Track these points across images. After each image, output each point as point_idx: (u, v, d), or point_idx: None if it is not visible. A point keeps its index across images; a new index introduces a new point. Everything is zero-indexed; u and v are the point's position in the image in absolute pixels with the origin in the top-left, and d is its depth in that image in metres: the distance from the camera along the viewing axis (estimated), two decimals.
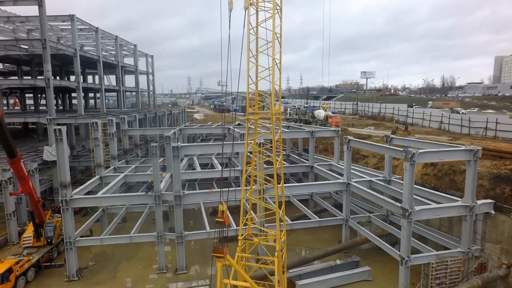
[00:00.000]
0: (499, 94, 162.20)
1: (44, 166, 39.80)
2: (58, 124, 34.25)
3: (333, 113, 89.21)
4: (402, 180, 23.34)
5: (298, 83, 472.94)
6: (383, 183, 26.69)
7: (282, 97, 17.51)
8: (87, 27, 49.96)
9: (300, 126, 40.28)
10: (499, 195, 27.04)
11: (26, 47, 40.39)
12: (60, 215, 36.34)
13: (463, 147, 21.18)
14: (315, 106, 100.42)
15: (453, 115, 57.49)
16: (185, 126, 39.93)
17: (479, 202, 21.67)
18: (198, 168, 35.28)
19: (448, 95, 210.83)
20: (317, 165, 33.97)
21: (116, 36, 59.06)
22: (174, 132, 33.55)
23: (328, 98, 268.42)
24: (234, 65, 16.00)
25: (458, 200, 21.92)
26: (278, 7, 16.48)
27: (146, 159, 38.86)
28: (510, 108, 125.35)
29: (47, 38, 37.73)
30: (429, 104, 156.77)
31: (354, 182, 26.91)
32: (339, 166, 32.48)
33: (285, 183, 37.68)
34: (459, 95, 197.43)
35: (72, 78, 62.30)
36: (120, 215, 29.21)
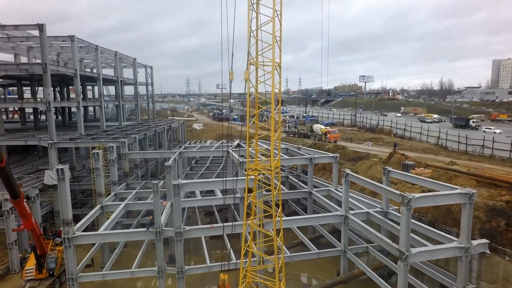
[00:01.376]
0: (497, 100, 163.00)
1: (44, 185, 40.06)
2: (59, 151, 34.56)
3: (331, 124, 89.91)
4: (399, 212, 23.70)
5: (296, 85, 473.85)
6: (380, 216, 27.09)
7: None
8: (87, 45, 50.24)
9: (299, 149, 40.65)
10: (494, 228, 27.51)
11: (27, 68, 40.65)
12: (60, 239, 36.78)
13: (458, 190, 21.58)
14: (313, 116, 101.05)
15: (450, 131, 58.01)
16: (184, 149, 40.22)
17: (475, 242, 22.10)
18: (198, 192, 35.77)
19: (447, 99, 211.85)
20: (316, 191, 34.38)
21: (116, 52, 59.34)
22: (175, 158, 33.86)
23: (327, 102, 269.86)
24: (234, 65, 16.67)
25: (454, 240, 22.35)
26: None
27: (147, 182, 39.17)
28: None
29: (47, 63, 38.01)
30: (401, 109, 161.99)
31: (352, 214, 27.31)
32: (338, 192, 32.87)
33: (284, 208, 38.28)
34: (457, 99, 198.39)
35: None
36: (121, 246, 29.56)
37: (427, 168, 38.61)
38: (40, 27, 37.59)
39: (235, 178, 25.36)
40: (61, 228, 31.31)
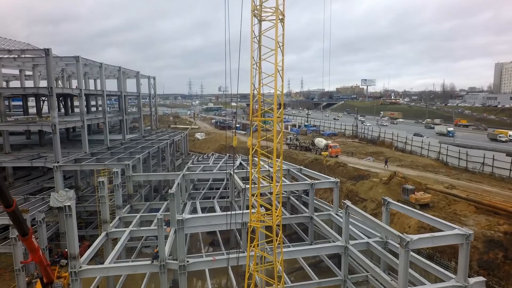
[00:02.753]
0: (499, 106, 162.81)
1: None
2: (64, 177, 35.25)
3: (332, 134, 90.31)
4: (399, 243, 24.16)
5: (298, 85, 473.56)
6: (380, 248, 27.57)
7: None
8: (91, 63, 50.94)
9: (300, 170, 41.17)
10: (492, 260, 28.04)
11: (33, 91, 41.39)
12: (66, 261, 37.44)
13: (456, 230, 22.03)
14: (315, 126, 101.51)
15: (451, 147, 58.42)
16: (187, 170, 40.88)
17: (472, 280, 22.53)
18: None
19: (449, 104, 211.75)
20: (317, 215, 34.90)
21: (120, 67, 60.03)
22: (178, 183, 34.49)
23: (329, 105, 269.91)
24: (234, 65, 17.31)
25: (452, 278, 22.82)
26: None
27: (150, 204, 39.82)
28: (507, 123, 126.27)
29: (53, 87, 38.74)
30: (381, 113, 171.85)
31: (352, 245, 27.81)
32: (338, 218, 33.37)
33: (285, 228, 38.79)
34: (459, 104, 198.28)
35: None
36: (123, 278, 30.23)
37: (427, 191, 39.11)
38: (46, 52, 38.28)
39: (240, 212, 25.92)
40: (66, 250, 32.05)
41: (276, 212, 18.96)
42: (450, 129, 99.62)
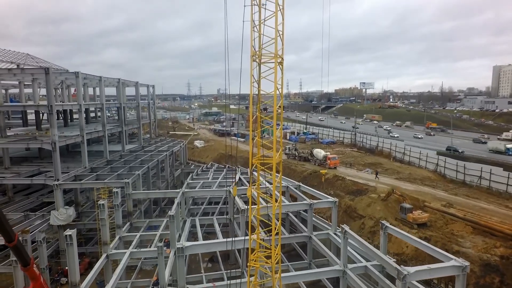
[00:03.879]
0: (497, 110, 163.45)
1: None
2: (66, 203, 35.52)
3: (331, 142, 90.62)
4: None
5: (297, 86, 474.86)
6: (377, 272, 27.86)
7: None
8: (91, 77, 51.14)
9: (299, 187, 41.47)
10: (488, 284, 28.39)
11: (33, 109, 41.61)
12: (66, 279, 37.61)
13: (452, 262, 22.32)
14: (313, 133, 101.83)
15: (448, 159, 58.81)
16: (187, 187, 41.16)
17: None
18: (200, 234, 36.79)
19: (447, 107, 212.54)
20: (315, 234, 35.20)
21: (119, 79, 60.24)
22: (178, 203, 34.76)
23: (327, 108, 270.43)
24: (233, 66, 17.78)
25: None
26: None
27: (150, 221, 40.08)
28: (505, 128, 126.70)
29: (53, 105, 38.95)
30: (364, 116, 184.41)
31: (350, 269, 28.09)
32: (337, 238, 33.66)
33: (284, 245, 39.05)
34: (457, 108, 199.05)
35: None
36: None
37: (425, 209, 39.47)
38: (46, 71, 38.54)
39: (239, 238, 26.18)
40: (66, 268, 32.17)
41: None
42: (510, 146, 78.80)
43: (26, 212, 41.27)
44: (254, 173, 21.08)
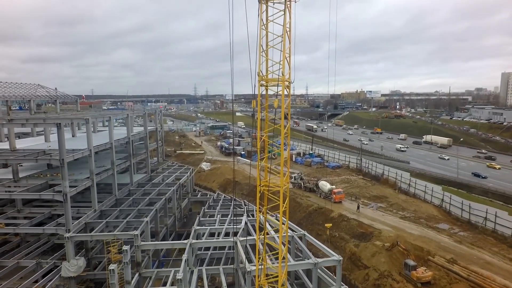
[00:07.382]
0: (505, 123, 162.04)
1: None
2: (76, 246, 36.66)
3: (337, 167, 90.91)
4: None
5: (303, 87, 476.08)
6: None
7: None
8: (101, 120, 52.32)
9: (304, 236, 42.05)
10: None
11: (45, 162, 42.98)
12: None
13: None
14: (320, 155, 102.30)
15: (454, 197, 59.01)
16: (194, 237, 42.09)
17: None
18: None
19: (454, 117, 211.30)
20: None
21: (127, 114, 61.35)
22: (186, 260, 35.67)
23: (333, 116, 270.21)
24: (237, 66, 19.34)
25: None
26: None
27: (159, 271, 41.05)
28: None
29: (65, 158, 40.06)
30: (332, 120, 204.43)
31: None
32: None
33: None
34: (465, 119, 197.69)
35: None
36: None
37: (429, 263, 39.90)
38: (58, 126, 39.68)
39: None
40: None
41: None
42: None
43: (39, 260, 42.47)
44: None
